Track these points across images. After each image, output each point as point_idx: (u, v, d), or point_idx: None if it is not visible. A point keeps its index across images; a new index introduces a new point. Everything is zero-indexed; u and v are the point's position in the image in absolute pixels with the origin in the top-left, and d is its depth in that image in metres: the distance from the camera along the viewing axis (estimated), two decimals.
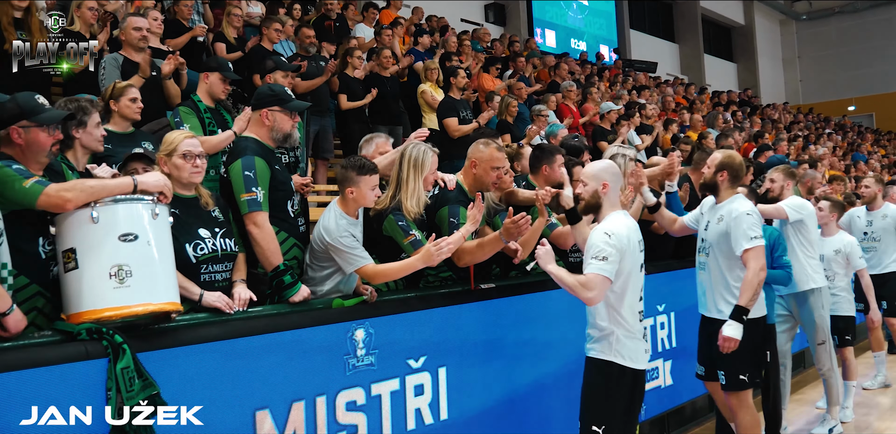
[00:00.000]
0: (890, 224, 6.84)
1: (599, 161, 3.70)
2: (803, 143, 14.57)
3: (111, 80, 4.85)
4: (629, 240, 3.32)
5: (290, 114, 3.53)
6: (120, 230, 2.53)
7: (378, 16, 10.23)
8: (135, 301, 2.49)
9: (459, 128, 7.05)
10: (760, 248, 4.01)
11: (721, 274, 4.13)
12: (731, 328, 3.92)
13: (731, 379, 4.10)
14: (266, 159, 3.41)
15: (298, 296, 3.18)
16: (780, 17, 29.20)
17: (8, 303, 2.31)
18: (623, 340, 3.33)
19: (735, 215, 4.05)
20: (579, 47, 19.39)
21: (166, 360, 2.55)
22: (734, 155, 4.30)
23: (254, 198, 3.28)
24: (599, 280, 3.21)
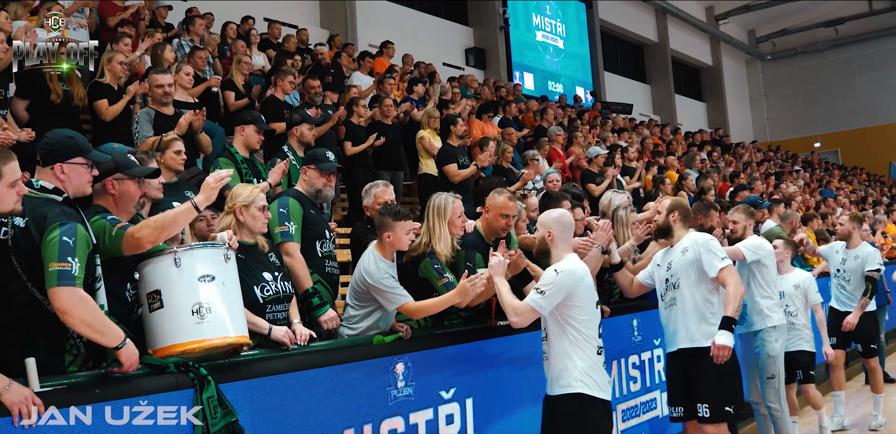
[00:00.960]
0: (860, 265, 6.86)
1: (553, 210, 3.82)
2: (775, 181, 15.16)
3: (144, 133, 5.22)
4: (581, 279, 3.47)
5: (323, 173, 3.92)
6: (199, 272, 2.86)
7: (372, 63, 10.71)
8: (214, 335, 2.82)
9: (459, 172, 7.46)
10: (732, 266, 4.28)
11: (694, 303, 4.28)
12: (724, 337, 4.09)
13: (717, 410, 4.16)
14: (301, 201, 3.83)
15: (325, 316, 3.58)
16: (746, 58, 30.18)
17: (121, 336, 2.60)
18: (587, 372, 3.45)
19: (701, 242, 4.31)
20: (556, 90, 20.01)
21: (239, 390, 2.85)
22: (682, 199, 4.68)
23: (286, 230, 3.75)
24: (529, 310, 3.40)
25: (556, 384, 3.49)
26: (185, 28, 8.88)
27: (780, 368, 5.29)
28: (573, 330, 3.46)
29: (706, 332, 4.22)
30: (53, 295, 2.49)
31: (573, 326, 3.46)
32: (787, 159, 22.07)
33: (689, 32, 26.33)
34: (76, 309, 2.50)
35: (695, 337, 4.26)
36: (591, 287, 3.55)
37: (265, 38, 10.24)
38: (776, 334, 5.29)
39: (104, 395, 2.52)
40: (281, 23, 11.18)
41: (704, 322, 4.23)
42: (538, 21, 20.50)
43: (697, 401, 4.22)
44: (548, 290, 3.39)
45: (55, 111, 5.33)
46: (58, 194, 2.73)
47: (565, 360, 3.46)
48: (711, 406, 4.18)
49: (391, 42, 11.89)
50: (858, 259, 6.87)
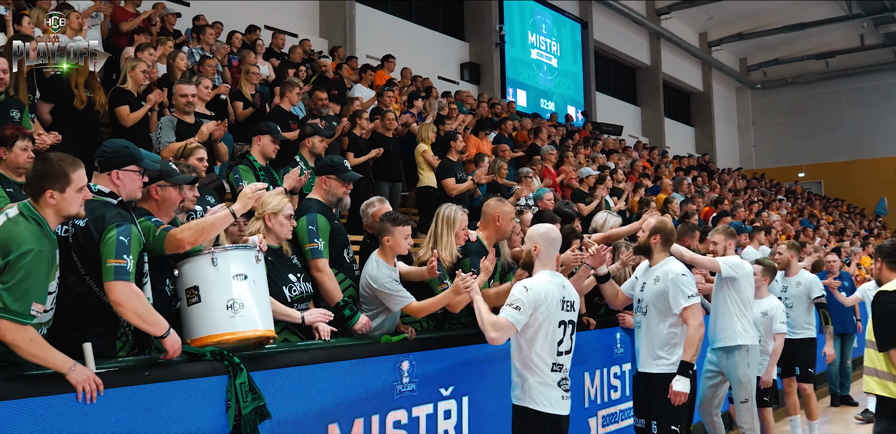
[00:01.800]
0: (803, 292, 7.00)
1: (542, 225, 3.93)
2: (758, 209, 15.58)
3: (167, 139, 5.53)
4: (547, 295, 3.58)
5: (343, 183, 4.21)
6: (233, 271, 3.18)
7: (373, 76, 11.06)
8: (245, 328, 3.14)
9: (456, 186, 7.82)
10: (698, 306, 4.41)
11: (654, 331, 4.48)
12: (680, 383, 4.29)
13: (664, 429, 4.41)
14: (326, 216, 4.10)
15: (359, 324, 3.85)
16: (737, 85, 30.77)
17: (166, 326, 2.90)
18: (536, 387, 3.59)
19: (672, 276, 4.42)
20: (548, 107, 20.40)
21: (266, 378, 3.16)
22: (666, 221, 4.74)
23: (316, 247, 3.98)
24: (507, 325, 3.52)
25: (513, 394, 3.69)
26: (194, 36, 9.19)
27: (752, 392, 5.43)
28: (526, 348, 3.60)
29: (662, 362, 4.44)
30: (110, 288, 2.81)
31: (527, 344, 3.60)
32: (770, 188, 22.56)
33: (682, 57, 26.86)
34: (130, 301, 2.81)
35: (651, 364, 4.49)
36: (557, 304, 3.63)
37: (269, 48, 10.57)
38: (749, 358, 5.40)
39: (152, 378, 2.83)
40: (281, 31, 11.48)
41: (663, 351, 4.43)
42: (533, 39, 20.92)
43: (650, 418, 4.50)
44: (522, 306, 3.52)
45: (78, 116, 5.60)
46: (113, 198, 3.05)
47: (519, 375, 3.64)
48: (659, 424, 4.44)
49: (393, 56, 12.26)
50: (801, 286, 7.04)
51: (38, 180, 2.73)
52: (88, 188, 2.93)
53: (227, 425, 2.98)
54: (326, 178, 4.26)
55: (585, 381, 5.39)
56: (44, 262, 2.60)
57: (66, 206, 2.74)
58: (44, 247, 2.63)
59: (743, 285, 5.48)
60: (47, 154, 2.82)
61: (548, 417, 3.59)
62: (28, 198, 2.78)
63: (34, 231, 2.64)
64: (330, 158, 4.39)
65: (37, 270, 2.56)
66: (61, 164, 2.73)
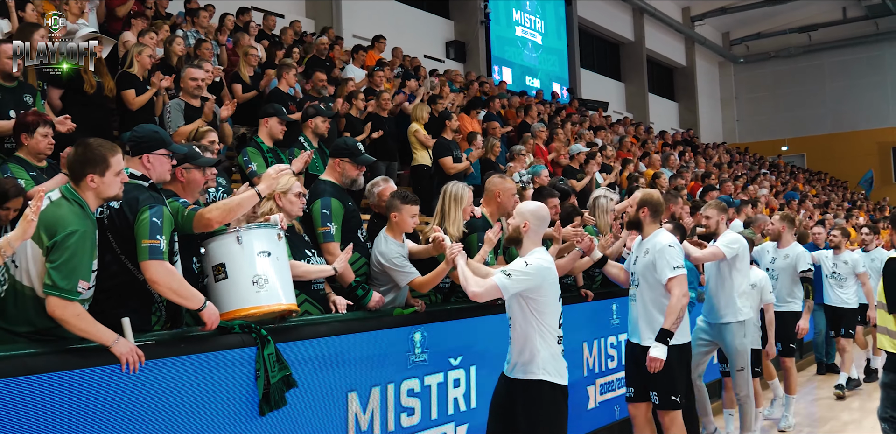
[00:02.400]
0: (790, 265, 6.94)
1: (531, 202, 3.98)
2: (744, 183, 15.83)
3: (176, 122, 5.67)
4: (549, 271, 3.65)
5: (356, 166, 4.35)
6: (257, 248, 3.35)
7: (365, 57, 11.14)
8: (270, 302, 3.32)
9: (454, 166, 7.99)
10: (683, 277, 4.46)
11: (646, 304, 4.56)
12: (657, 350, 4.34)
13: (665, 399, 4.49)
14: (340, 199, 4.23)
15: (372, 301, 4.01)
16: (719, 60, 30.89)
17: (202, 299, 3.07)
18: (549, 360, 3.64)
19: (659, 248, 4.50)
20: (534, 85, 20.53)
21: (291, 349, 3.35)
22: (653, 192, 4.79)
23: (328, 231, 4.13)
24: (493, 286, 3.52)
25: (520, 370, 3.67)
26: (188, 19, 9.23)
27: (748, 360, 5.56)
28: (537, 321, 3.64)
29: (651, 334, 4.51)
30: (145, 267, 2.98)
31: (537, 318, 3.64)
32: (754, 162, 22.83)
33: (665, 32, 26.98)
34: (165, 279, 2.99)
35: (644, 335, 4.57)
36: (556, 281, 3.71)
37: (260, 30, 10.61)
38: (745, 329, 5.53)
39: (186, 350, 3.01)
40: (269, 12, 11.50)
41: (655, 322, 4.49)
42: (518, 16, 20.97)
43: (649, 389, 4.56)
44: (515, 276, 3.53)
45: (87, 100, 5.69)
46: (144, 180, 3.20)
47: (531, 349, 3.64)
48: (660, 394, 4.51)
49: (383, 37, 12.33)
50: (788, 259, 6.97)
51: (79, 165, 2.89)
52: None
53: (256, 393, 3.17)
54: (340, 160, 4.35)
55: (584, 350, 5.62)
56: (88, 241, 2.77)
57: (106, 189, 2.90)
58: (87, 227, 2.79)
59: (742, 258, 5.57)
60: (87, 140, 2.96)
61: (560, 388, 3.67)
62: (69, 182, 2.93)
63: (77, 213, 2.80)
64: (344, 141, 4.48)
65: (82, 250, 2.73)
66: (101, 150, 2.89)
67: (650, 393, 4.55)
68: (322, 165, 6.00)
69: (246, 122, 7.55)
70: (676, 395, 4.49)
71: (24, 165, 4.03)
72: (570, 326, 5.25)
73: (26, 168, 4.00)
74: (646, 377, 4.50)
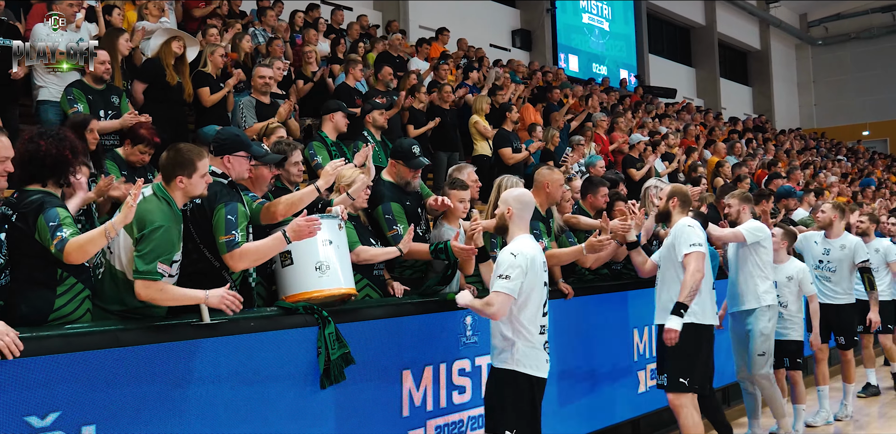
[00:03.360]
0: (848, 256, 6.60)
1: (515, 189, 3.99)
2: (814, 171, 15.50)
3: (249, 119, 6.05)
4: (533, 259, 3.61)
5: (410, 169, 4.55)
6: (321, 237, 3.66)
7: (429, 50, 11.42)
8: (332, 286, 3.67)
9: (513, 156, 8.24)
10: (699, 254, 4.52)
11: (667, 285, 4.66)
12: (673, 321, 4.40)
13: (672, 381, 4.49)
14: (398, 200, 4.48)
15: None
16: (796, 42, 30.02)
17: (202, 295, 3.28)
18: (524, 350, 3.60)
19: (678, 227, 4.67)
20: (601, 72, 20.45)
21: (350, 330, 3.67)
22: (681, 186, 5.01)
23: (396, 234, 4.37)
24: (502, 297, 3.52)
25: (498, 358, 3.68)
26: (258, 17, 9.66)
27: (771, 347, 5.46)
28: (517, 312, 3.60)
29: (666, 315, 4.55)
30: (226, 260, 3.38)
31: (518, 309, 3.60)
32: (831, 147, 22.20)
33: (738, 16, 26.40)
34: (244, 263, 3.41)
35: (664, 316, 4.62)
36: (541, 268, 3.68)
37: (329, 24, 10.98)
38: (769, 314, 5.46)
39: (257, 328, 3.36)
40: (336, 5, 11.83)
41: (671, 302, 4.53)
42: (585, 3, 20.93)
43: (660, 371, 4.64)
44: (512, 274, 3.53)
45: (167, 97, 6.11)
46: (224, 178, 3.56)
47: (503, 339, 3.64)
48: (668, 376, 4.52)
49: (447, 29, 12.58)
50: (846, 249, 6.61)
51: (170, 167, 3.28)
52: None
53: (318, 369, 3.51)
54: (395, 162, 4.57)
55: (634, 337, 5.80)
56: (170, 235, 3.15)
57: (193, 189, 3.28)
58: (171, 223, 3.18)
59: (765, 247, 5.52)
60: (178, 145, 3.35)
61: (537, 381, 3.66)
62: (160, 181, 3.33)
63: (164, 209, 3.19)
64: (401, 143, 4.66)
65: (164, 242, 3.11)
66: (190, 154, 3.27)
67: (660, 376, 4.58)
68: (385, 157, 6.33)
69: (312, 113, 7.92)
70: (686, 378, 4.44)
71: (119, 163, 4.45)
72: (621, 313, 5.50)
73: (120, 167, 4.42)
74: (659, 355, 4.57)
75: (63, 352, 2.78)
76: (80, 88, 5.05)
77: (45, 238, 2.94)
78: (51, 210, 3.00)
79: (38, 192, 3.10)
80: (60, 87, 5.42)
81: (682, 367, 4.50)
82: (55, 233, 2.92)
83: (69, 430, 2.75)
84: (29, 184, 3.15)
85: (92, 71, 5.04)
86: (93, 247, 2.93)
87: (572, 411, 5.08)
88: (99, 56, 4.99)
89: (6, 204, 3.15)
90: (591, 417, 5.26)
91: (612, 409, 5.46)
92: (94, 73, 5.09)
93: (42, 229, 2.96)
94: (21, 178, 3.17)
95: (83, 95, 5.06)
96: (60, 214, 3.00)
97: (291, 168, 4.27)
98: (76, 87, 5.07)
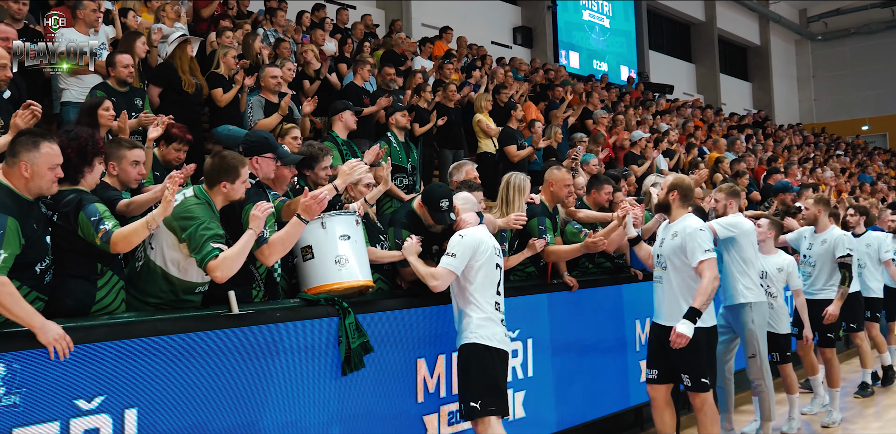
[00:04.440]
0: (828, 251, 6.52)
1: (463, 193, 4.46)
2: (812, 166, 15.69)
3: (257, 117, 6.26)
4: (480, 241, 3.99)
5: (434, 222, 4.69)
6: (339, 233, 3.91)
7: (432, 48, 11.62)
8: (350, 278, 3.89)
9: (518, 153, 8.44)
10: (713, 260, 4.54)
11: (676, 287, 4.60)
12: (684, 326, 4.41)
13: (695, 381, 4.56)
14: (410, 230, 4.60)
15: None
16: (796, 38, 30.13)
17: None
18: (478, 322, 3.94)
19: (689, 231, 4.57)
20: (601, 68, 20.63)
21: (367, 320, 3.89)
22: (684, 178, 4.89)
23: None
24: (445, 272, 3.94)
25: (460, 337, 4.00)
26: (267, 17, 9.86)
27: (760, 346, 5.39)
28: (470, 289, 3.97)
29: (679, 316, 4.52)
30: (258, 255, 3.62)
31: (469, 283, 3.97)
32: (830, 142, 22.35)
33: (738, 12, 26.55)
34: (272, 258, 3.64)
35: (672, 317, 4.59)
36: (491, 250, 4.04)
37: (334, 24, 11.17)
38: (752, 313, 5.37)
39: (282, 318, 3.59)
40: (340, 4, 11.98)
41: (680, 306, 4.54)
42: (585, 1, 21.10)
43: (680, 372, 4.62)
44: (457, 253, 3.94)
45: (183, 99, 6.31)
46: (252, 178, 3.77)
47: (463, 316, 3.98)
48: (691, 377, 4.57)
49: (450, 28, 12.79)
50: (826, 244, 6.55)
51: (215, 173, 3.52)
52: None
53: (339, 356, 3.73)
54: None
55: (636, 327, 6.01)
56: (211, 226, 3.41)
57: (234, 193, 3.54)
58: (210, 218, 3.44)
59: (742, 244, 5.40)
60: (223, 152, 3.62)
61: (496, 352, 3.93)
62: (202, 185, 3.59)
63: (204, 208, 3.46)
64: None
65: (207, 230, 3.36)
66: (234, 161, 3.52)
67: (682, 375, 4.61)
68: (405, 157, 6.57)
69: (319, 113, 8.11)
70: (706, 377, 4.57)
71: (154, 164, 4.66)
72: (623, 304, 5.71)
73: (154, 167, 4.63)
74: (675, 359, 4.56)
75: (107, 340, 3.01)
76: (104, 91, 5.25)
77: (90, 233, 3.16)
78: (90, 206, 3.22)
79: (73, 191, 3.32)
80: (83, 89, 5.63)
81: (701, 367, 4.56)
82: (98, 226, 3.14)
83: (114, 412, 2.99)
84: (60, 183, 3.33)
85: (115, 74, 5.26)
86: (136, 237, 3.17)
87: (576, 398, 5.30)
88: (122, 60, 5.22)
89: (42, 204, 3.36)
90: (594, 404, 5.47)
91: (615, 396, 5.69)
92: (117, 76, 5.29)
93: (84, 225, 3.18)
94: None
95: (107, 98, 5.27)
96: (99, 209, 3.22)
97: (321, 172, 4.49)
98: (100, 89, 5.26)
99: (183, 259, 3.47)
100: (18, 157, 3.06)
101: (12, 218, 2.91)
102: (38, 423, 2.80)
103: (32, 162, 3.06)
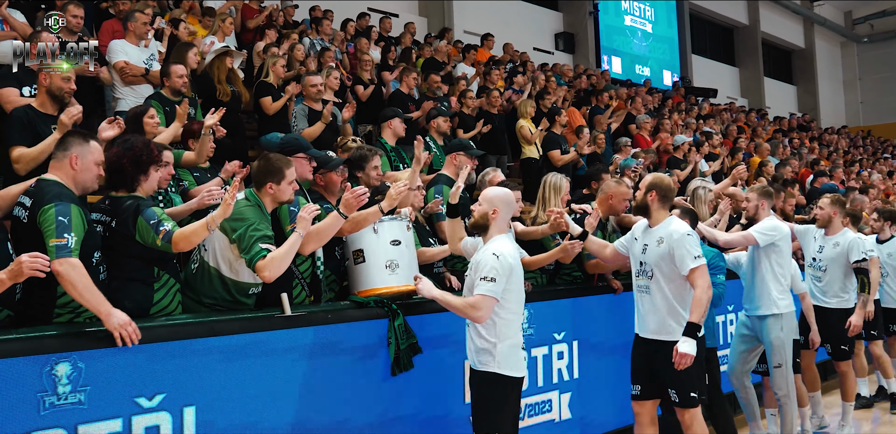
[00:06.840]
0: (840, 255, 5.93)
1: (498, 188, 3.84)
2: (859, 168, 15.43)
3: (301, 126, 6.39)
4: (515, 260, 3.55)
5: (470, 157, 4.93)
6: (390, 237, 3.99)
7: (475, 55, 11.71)
8: (401, 282, 3.96)
9: (562, 158, 8.49)
10: (705, 267, 4.10)
11: (665, 297, 4.17)
12: (687, 345, 3.97)
13: (683, 396, 4.15)
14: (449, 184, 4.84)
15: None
16: (841, 40, 29.69)
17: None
18: (505, 352, 3.52)
19: (676, 237, 4.11)
20: (643, 73, 20.55)
21: (416, 322, 3.96)
22: (662, 177, 4.39)
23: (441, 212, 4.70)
24: (488, 301, 3.44)
25: (479, 361, 3.58)
26: (312, 27, 10.04)
27: (787, 357, 5.13)
28: (502, 313, 3.53)
29: (672, 329, 4.14)
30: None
31: (502, 309, 3.53)
32: (878, 145, 21.95)
33: (782, 14, 26.25)
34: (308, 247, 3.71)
35: (661, 331, 4.20)
36: (520, 268, 3.63)
37: (378, 33, 11.32)
38: (782, 322, 5.12)
39: (333, 320, 3.68)
40: (383, 12, 12.14)
41: (672, 318, 4.15)
42: (627, 5, 21.05)
43: (668, 387, 4.21)
44: (497, 277, 3.45)
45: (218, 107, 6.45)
46: None
47: (485, 341, 3.54)
48: (678, 393, 4.17)
49: (492, 35, 12.86)
50: (838, 247, 5.95)
51: (261, 175, 3.63)
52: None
53: (388, 357, 3.80)
54: (456, 154, 5.07)
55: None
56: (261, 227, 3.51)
57: (281, 195, 3.63)
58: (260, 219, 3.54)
59: (783, 249, 5.17)
60: (269, 154, 3.71)
61: (517, 381, 3.60)
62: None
63: (254, 210, 3.57)
64: (459, 140, 5.22)
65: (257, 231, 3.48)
66: (279, 163, 3.62)
67: (669, 391, 4.21)
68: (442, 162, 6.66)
69: (370, 120, 8.23)
70: (695, 392, 4.19)
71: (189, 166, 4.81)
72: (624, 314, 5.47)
73: (190, 169, 4.76)
74: (662, 374, 4.19)
75: (167, 340, 3.12)
76: (158, 100, 5.40)
77: (150, 236, 3.27)
78: (147, 210, 3.35)
79: (129, 198, 3.45)
80: (136, 99, 5.81)
81: (691, 382, 4.18)
82: (158, 228, 3.26)
83: (173, 410, 3.10)
84: (117, 191, 3.49)
85: (170, 84, 5.42)
86: (196, 237, 3.28)
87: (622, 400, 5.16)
88: (177, 70, 5.38)
89: (99, 210, 3.49)
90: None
91: None
92: (172, 86, 5.45)
93: (144, 229, 3.30)
94: (108, 186, 3.53)
95: (161, 107, 5.39)
96: (157, 212, 3.35)
97: (371, 171, 4.60)
98: (155, 99, 5.43)
99: (234, 260, 3.57)
100: (70, 150, 3.25)
101: (75, 205, 3.07)
102: (102, 420, 2.91)
103: (83, 155, 3.24)
